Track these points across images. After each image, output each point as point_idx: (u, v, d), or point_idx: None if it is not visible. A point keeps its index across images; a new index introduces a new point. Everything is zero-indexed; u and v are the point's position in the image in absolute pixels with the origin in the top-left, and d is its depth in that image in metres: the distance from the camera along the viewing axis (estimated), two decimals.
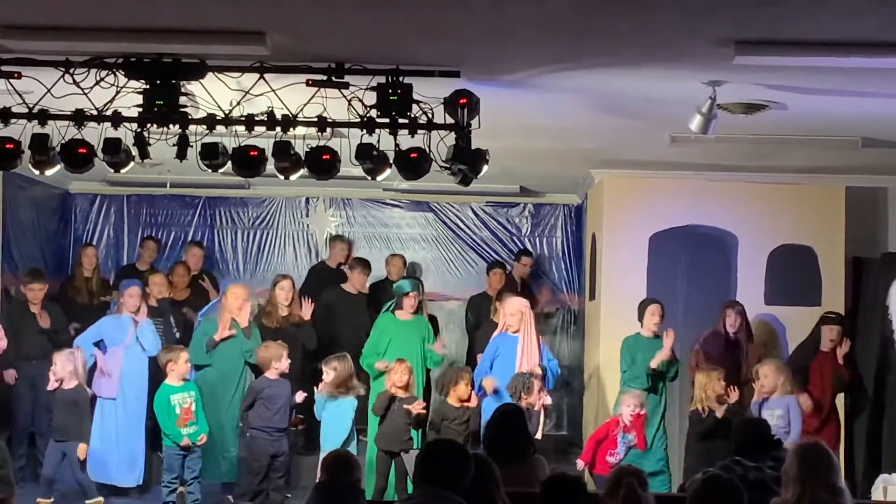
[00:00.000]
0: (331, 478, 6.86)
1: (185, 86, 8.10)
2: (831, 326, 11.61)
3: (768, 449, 7.77)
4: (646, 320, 11.47)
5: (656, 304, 11.52)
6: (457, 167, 8.35)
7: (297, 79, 7.89)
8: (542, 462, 8.28)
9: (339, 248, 14.47)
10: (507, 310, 11.49)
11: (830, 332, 11.59)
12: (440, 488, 5.22)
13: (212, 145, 8.40)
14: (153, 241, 14.37)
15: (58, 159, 8.41)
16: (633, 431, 10.40)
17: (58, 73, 7.83)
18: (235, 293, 11.54)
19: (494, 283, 13.87)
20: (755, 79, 8.15)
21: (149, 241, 14.33)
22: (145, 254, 14.19)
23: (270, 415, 10.66)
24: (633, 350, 11.47)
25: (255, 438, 10.70)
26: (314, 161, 8.39)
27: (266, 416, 10.65)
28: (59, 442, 10.63)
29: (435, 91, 7.94)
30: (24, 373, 12.01)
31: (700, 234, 12.68)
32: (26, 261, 13.64)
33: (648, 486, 6.55)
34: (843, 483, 6.32)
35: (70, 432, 10.58)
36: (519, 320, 11.31)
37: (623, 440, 10.39)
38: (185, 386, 10.80)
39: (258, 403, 10.68)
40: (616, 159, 12.15)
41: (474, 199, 15.21)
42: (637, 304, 11.68)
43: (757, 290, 12.53)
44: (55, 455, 10.66)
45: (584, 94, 8.87)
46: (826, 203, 12.58)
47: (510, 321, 11.34)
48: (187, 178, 13.66)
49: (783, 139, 10.51)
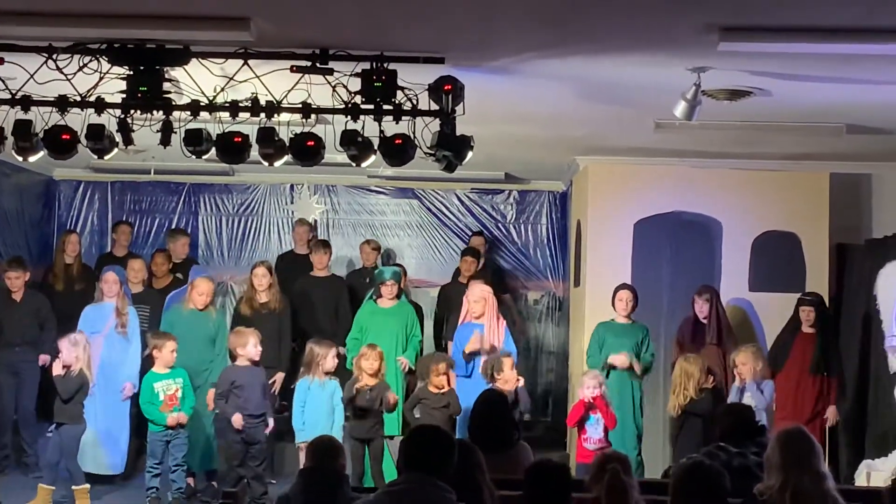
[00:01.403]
0: (316, 464, 6.86)
1: (168, 72, 8.08)
2: (805, 308, 11.65)
3: (752, 435, 7.78)
4: (616, 305, 11.53)
5: (624, 290, 11.55)
6: (441, 154, 8.34)
7: (281, 65, 7.88)
8: (526, 448, 8.30)
9: (301, 232, 14.36)
10: (470, 297, 11.56)
11: (804, 313, 11.64)
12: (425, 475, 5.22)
13: (196, 131, 8.38)
14: (126, 225, 14.30)
15: (41, 146, 8.39)
16: (597, 412, 10.41)
17: (41, 58, 7.80)
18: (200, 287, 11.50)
19: (465, 269, 13.83)
20: (740, 65, 8.16)
21: (122, 226, 14.23)
22: (120, 238, 14.10)
23: (241, 402, 10.59)
24: (602, 336, 11.52)
25: (227, 426, 10.66)
26: (299, 147, 8.38)
27: (236, 403, 10.59)
28: (60, 426, 10.58)
29: (419, 77, 7.93)
30: (6, 360, 11.97)
31: (685, 221, 12.69)
32: (10, 248, 13.62)
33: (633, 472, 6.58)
34: (826, 468, 6.33)
35: (66, 416, 10.53)
36: (482, 306, 11.36)
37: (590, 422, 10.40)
38: (172, 373, 10.75)
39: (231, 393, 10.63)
40: (601, 146, 12.15)
41: (459, 186, 15.20)
42: None
43: (741, 276, 12.54)
44: (56, 439, 10.60)
45: (569, 80, 8.87)
46: (810, 190, 12.58)
47: (474, 308, 11.42)
48: (171, 164, 13.63)
49: (768, 126, 10.52)
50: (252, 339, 10.75)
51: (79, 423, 10.57)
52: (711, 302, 11.59)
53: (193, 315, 11.45)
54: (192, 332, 11.34)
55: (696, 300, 11.65)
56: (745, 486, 6.51)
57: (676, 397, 10.55)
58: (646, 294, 11.97)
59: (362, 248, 14.19)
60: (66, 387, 10.40)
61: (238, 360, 10.75)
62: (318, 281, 13.09)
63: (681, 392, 10.52)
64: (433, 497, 5.19)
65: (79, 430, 10.58)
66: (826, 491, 6.20)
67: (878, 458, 11.27)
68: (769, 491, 6.24)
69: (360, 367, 10.68)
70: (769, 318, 12.15)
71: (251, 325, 11.30)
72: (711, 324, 11.54)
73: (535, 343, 15.27)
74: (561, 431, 13.80)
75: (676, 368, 10.71)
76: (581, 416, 10.43)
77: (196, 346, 11.33)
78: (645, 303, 11.88)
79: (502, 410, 8.36)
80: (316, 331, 12.10)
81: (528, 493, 5.55)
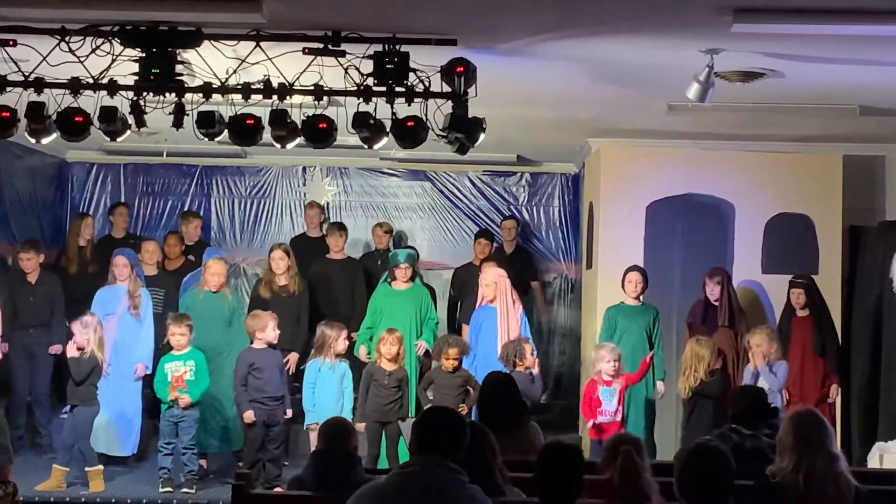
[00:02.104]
0: (328, 446, 6.88)
1: (181, 54, 8.08)
2: (795, 290, 11.67)
3: (765, 417, 7.78)
4: (626, 287, 11.56)
5: (633, 272, 11.58)
6: (454, 136, 8.34)
7: (293, 47, 7.87)
8: (536, 429, 8.32)
9: (312, 215, 14.38)
10: (482, 280, 11.61)
11: (794, 296, 11.65)
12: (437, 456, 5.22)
13: (208, 114, 8.39)
14: (123, 207, 14.30)
15: (54, 128, 8.40)
16: (612, 384, 10.41)
17: (53, 40, 7.80)
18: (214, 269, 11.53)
19: (478, 252, 13.85)
20: (753, 47, 8.13)
21: (119, 207, 14.24)
22: (118, 220, 14.12)
23: (260, 384, 10.63)
24: (613, 319, 11.55)
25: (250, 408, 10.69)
26: (311, 130, 8.38)
27: (256, 385, 10.63)
28: (74, 408, 10.62)
29: (432, 59, 7.91)
30: (20, 342, 12.01)
31: (697, 203, 12.66)
32: (23, 230, 13.64)
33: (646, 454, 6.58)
34: (838, 450, 6.33)
35: (85, 399, 10.57)
36: (493, 290, 11.38)
37: (605, 394, 10.40)
38: (185, 355, 10.75)
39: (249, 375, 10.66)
40: (613, 128, 12.14)
41: (471, 168, 15.20)
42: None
43: (754, 258, 12.51)
44: (71, 421, 10.64)
45: (582, 62, 8.85)
46: (823, 172, 12.54)
47: (485, 292, 11.46)
48: (184, 147, 13.63)
49: (781, 108, 10.49)
50: (270, 322, 10.78)
51: (92, 405, 10.61)
52: (723, 284, 11.57)
53: (208, 297, 11.48)
54: (208, 314, 11.37)
55: (707, 282, 11.64)
56: (757, 468, 6.50)
57: (686, 379, 10.55)
58: (658, 276, 11.97)
59: (374, 231, 14.20)
60: (80, 369, 10.44)
61: (256, 342, 10.78)
62: (335, 263, 13.12)
63: (691, 374, 10.53)
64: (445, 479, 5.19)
65: (92, 411, 10.63)
66: (839, 472, 6.20)
67: (890, 440, 11.26)
68: (782, 472, 6.23)
69: (379, 352, 10.73)
70: (781, 300, 12.12)
71: (270, 307, 11.34)
72: (723, 306, 11.53)
73: (548, 326, 15.26)
74: (573, 414, 13.79)
75: (687, 350, 10.70)
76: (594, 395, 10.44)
77: (213, 329, 11.36)
78: (657, 285, 11.88)
79: (510, 391, 8.38)
80: (333, 313, 12.13)
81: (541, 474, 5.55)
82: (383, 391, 10.67)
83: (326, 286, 12.92)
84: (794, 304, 11.69)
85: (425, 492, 5.16)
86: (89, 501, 10.41)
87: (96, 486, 10.52)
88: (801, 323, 11.70)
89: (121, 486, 10.78)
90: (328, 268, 13.10)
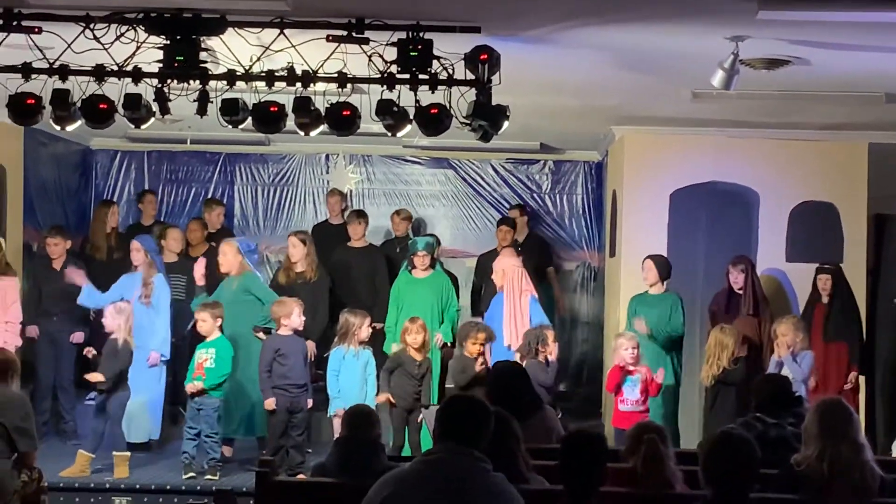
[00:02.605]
0: (351, 433, 6.89)
1: (205, 41, 8.08)
2: (822, 276, 11.64)
3: (789, 406, 7.76)
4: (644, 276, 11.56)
5: (646, 261, 11.62)
6: (477, 123, 8.32)
7: (317, 34, 7.86)
8: (551, 414, 8.34)
9: (333, 202, 14.38)
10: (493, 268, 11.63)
11: (821, 282, 11.62)
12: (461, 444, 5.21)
13: (232, 101, 8.40)
14: (151, 194, 14.38)
15: (79, 115, 8.42)
16: (636, 373, 10.40)
17: (78, 28, 7.81)
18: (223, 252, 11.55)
19: (500, 239, 13.84)
20: (778, 34, 8.09)
21: (147, 195, 14.32)
22: (146, 207, 14.19)
23: (284, 371, 10.65)
24: (633, 309, 11.61)
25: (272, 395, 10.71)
26: (334, 117, 8.38)
27: (280, 372, 10.65)
28: (102, 393, 10.66)
29: (455, 47, 7.90)
30: (45, 328, 12.07)
31: (721, 191, 12.63)
32: (48, 217, 13.71)
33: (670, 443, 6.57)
34: (864, 439, 6.32)
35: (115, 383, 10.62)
36: (501, 278, 11.39)
37: (628, 384, 10.39)
38: (211, 343, 10.78)
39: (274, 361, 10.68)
40: (637, 115, 12.10)
41: (494, 156, 15.18)
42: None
43: (778, 247, 12.49)
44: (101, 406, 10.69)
45: (606, 49, 8.82)
46: (848, 160, 12.51)
47: (495, 279, 11.48)
48: (207, 134, 13.66)
49: (806, 95, 10.44)
50: (296, 308, 10.79)
51: (124, 390, 10.68)
52: (746, 272, 11.55)
53: (229, 283, 11.48)
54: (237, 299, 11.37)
55: (730, 270, 11.61)
56: (781, 457, 6.50)
57: (710, 368, 10.54)
58: (682, 264, 11.95)
59: (392, 219, 14.22)
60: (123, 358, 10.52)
61: (281, 329, 10.80)
62: (356, 251, 13.13)
63: (714, 362, 10.52)
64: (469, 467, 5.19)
65: (125, 396, 10.70)
66: (864, 461, 6.19)
67: None
68: (807, 461, 6.23)
69: (405, 342, 10.75)
70: (805, 288, 12.08)
71: (287, 294, 11.34)
72: (747, 294, 11.50)
73: (570, 314, 15.25)
74: (596, 402, 13.81)
75: (711, 339, 10.68)
76: (618, 381, 10.42)
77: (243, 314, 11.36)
78: (681, 273, 11.85)
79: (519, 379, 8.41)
80: (354, 301, 12.14)
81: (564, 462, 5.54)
82: (412, 380, 10.68)
83: (347, 274, 12.94)
84: (821, 291, 11.66)
85: (449, 480, 5.15)
86: (114, 487, 10.45)
87: (121, 472, 10.56)
88: (820, 309, 11.68)
89: (144, 473, 10.81)
90: (349, 256, 13.11)
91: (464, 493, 5.12)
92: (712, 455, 5.50)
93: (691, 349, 11.85)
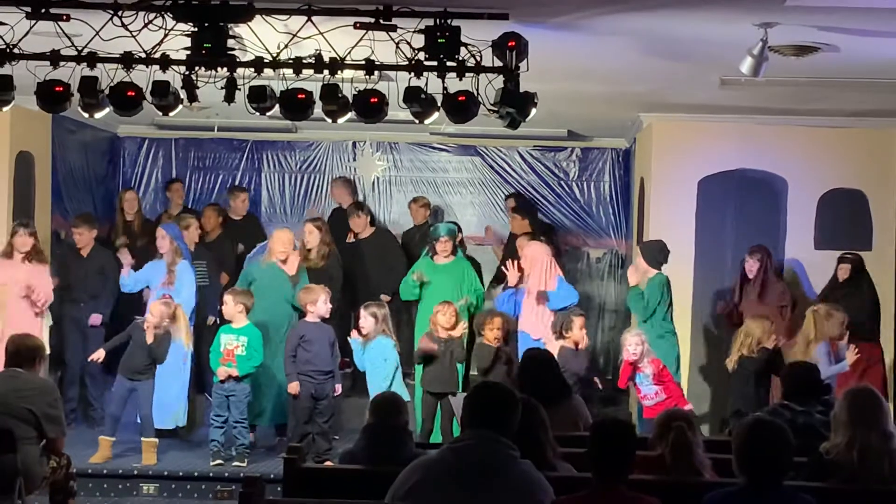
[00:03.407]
0: (379, 420, 6.89)
1: (232, 28, 8.08)
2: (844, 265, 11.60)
3: (817, 394, 7.74)
4: None
5: None
6: (505, 110, 8.30)
7: (344, 21, 7.85)
8: (579, 402, 8.33)
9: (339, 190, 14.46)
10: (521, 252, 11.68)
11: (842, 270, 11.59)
12: (489, 431, 5.22)
13: (260, 88, 8.39)
14: (178, 183, 14.42)
15: (107, 102, 8.44)
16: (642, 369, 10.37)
17: (106, 15, 7.82)
18: (280, 238, 11.57)
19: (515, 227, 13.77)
20: (807, 20, 8.05)
21: (175, 184, 14.37)
22: (174, 196, 14.22)
23: (310, 357, 10.66)
24: None
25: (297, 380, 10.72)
26: (362, 104, 8.37)
27: (305, 358, 10.67)
28: (129, 380, 10.71)
29: (483, 34, 7.88)
30: (73, 315, 12.13)
31: (749, 179, 12.59)
32: (76, 204, 13.77)
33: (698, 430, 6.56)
34: (893, 427, 6.29)
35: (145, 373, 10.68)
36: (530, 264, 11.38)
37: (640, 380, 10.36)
38: (241, 330, 10.79)
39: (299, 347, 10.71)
40: (665, 103, 12.06)
41: (521, 144, 15.16)
42: (683, 248, 11.66)
43: (807, 234, 12.45)
44: (122, 392, 10.74)
45: (634, 36, 8.79)
46: (878, 147, 12.46)
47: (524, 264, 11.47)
48: (234, 121, 13.69)
49: (835, 82, 10.39)
50: (323, 295, 10.81)
51: (152, 378, 10.74)
52: (762, 262, 11.55)
53: (272, 269, 11.50)
54: (271, 286, 11.40)
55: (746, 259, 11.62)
56: (809, 445, 6.48)
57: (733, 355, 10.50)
58: (710, 252, 11.93)
59: (411, 206, 14.22)
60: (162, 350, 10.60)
61: (308, 315, 10.82)
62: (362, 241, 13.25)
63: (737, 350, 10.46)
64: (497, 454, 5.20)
65: (152, 384, 10.75)
66: (893, 450, 6.17)
67: None
68: (836, 449, 6.21)
69: (435, 323, 10.76)
70: None
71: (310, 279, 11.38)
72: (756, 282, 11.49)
73: (598, 301, 15.24)
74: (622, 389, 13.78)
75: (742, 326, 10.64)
76: (629, 376, 10.39)
77: (275, 301, 11.40)
78: (709, 261, 11.84)
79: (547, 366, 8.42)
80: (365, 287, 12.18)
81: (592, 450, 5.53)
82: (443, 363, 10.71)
83: (359, 261, 13.03)
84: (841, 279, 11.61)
85: (476, 467, 5.16)
86: (142, 473, 10.50)
87: (149, 459, 10.62)
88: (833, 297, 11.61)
89: (172, 459, 10.87)
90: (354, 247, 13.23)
91: (491, 480, 5.13)
92: (747, 443, 5.47)
93: (710, 337, 11.80)
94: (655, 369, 10.31)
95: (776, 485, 5.39)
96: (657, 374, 10.33)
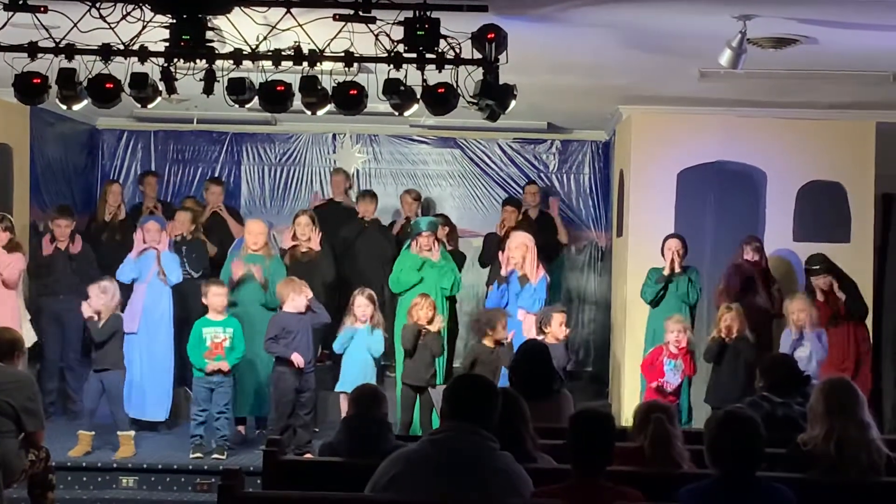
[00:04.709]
0: (359, 412, 6.89)
1: (211, 20, 8.06)
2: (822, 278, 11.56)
3: (797, 385, 7.76)
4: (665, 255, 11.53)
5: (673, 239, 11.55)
6: (484, 103, 8.30)
7: (323, 13, 7.83)
8: (568, 398, 8.32)
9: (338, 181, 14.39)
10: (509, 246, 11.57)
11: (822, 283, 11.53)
12: (468, 423, 5.22)
13: (239, 80, 8.38)
14: (153, 176, 14.32)
15: (85, 94, 8.40)
16: (678, 358, 10.38)
17: (84, 7, 7.79)
18: (252, 230, 11.59)
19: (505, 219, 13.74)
20: (786, 13, 8.07)
21: (149, 177, 14.25)
22: (148, 189, 14.13)
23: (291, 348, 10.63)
24: None
25: (279, 374, 10.70)
26: (341, 96, 8.36)
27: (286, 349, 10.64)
28: (98, 372, 10.67)
29: (462, 26, 7.87)
30: (51, 308, 12.09)
31: (729, 171, 12.60)
32: (54, 197, 13.70)
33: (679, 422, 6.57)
34: (870, 417, 6.32)
35: (109, 362, 10.63)
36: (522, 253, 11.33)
37: (670, 367, 10.36)
38: (224, 321, 10.77)
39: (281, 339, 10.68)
40: (644, 95, 12.08)
41: (501, 136, 15.15)
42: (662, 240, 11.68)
43: (785, 226, 12.46)
44: (95, 386, 10.69)
45: (613, 28, 8.80)
46: (856, 139, 12.46)
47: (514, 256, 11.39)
48: (214, 113, 13.64)
49: (814, 74, 10.42)
50: (303, 290, 10.77)
51: (120, 369, 10.67)
52: (762, 252, 11.56)
53: (250, 260, 11.48)
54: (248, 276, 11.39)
55: (745, 250, 11.56)
56: (789, 437, 6.50)
57: None
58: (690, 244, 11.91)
59: (402, 198, 14.20)
60: (101, 331, 10.51)
61: (287, 306, 10.79)
62: (361, 230, 13.17)
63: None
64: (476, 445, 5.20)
65: (121, 375, 10.69)
66: (870, 440, 6.19)
67: None
68: (813, 440, 6.23)
69: (412, 316, 10.75)
70: None
71: (293, 273, 11.34)
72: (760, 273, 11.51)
73: (577, 293, 15.24)
74: (603, 381, 13.82)
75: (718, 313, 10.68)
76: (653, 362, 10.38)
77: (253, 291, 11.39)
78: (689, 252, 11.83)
79: (542, 359, 8.39)
80: (359, 279, 12.14)
81: (572, 442, 5.54)
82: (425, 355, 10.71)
83: (353, 252, 12.96)
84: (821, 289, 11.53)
85: (456, 458, 5.17)
86: (121, 466, 10.48)
87: (126, 451, 10.60)
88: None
89: (151, 452, 10.84)
90: (354, 234, 13.15)
91: (471, 471, 5.13)
92: (718, 434, 5.50)
93: (698, 327, 11.83)
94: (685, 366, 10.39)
95: (749, 477, 5.41)
96: (684, 372, 10.39)
